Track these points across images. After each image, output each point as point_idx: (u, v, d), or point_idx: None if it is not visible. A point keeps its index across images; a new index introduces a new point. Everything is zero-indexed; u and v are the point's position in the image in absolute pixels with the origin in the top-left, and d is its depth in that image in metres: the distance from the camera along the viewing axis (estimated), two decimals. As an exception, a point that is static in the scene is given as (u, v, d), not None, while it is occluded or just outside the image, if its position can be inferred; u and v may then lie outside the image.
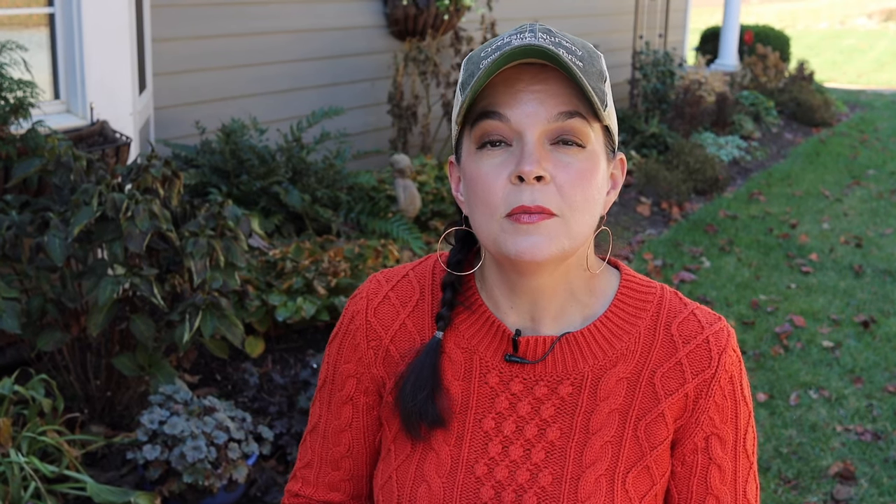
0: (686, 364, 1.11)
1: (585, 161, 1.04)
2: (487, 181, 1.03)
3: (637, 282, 1.15)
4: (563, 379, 1.11)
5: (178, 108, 4.93)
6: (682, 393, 1.10)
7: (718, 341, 1.11)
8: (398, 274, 1.20)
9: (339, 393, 1.20)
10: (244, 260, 2.89)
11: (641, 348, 1.11)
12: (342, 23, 5.79)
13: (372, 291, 1.19)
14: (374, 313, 1.18)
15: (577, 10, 8.03)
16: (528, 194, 1.01)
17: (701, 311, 1.14)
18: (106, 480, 2.77)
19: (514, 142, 1.03)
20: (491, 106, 1.03)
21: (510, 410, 1.12)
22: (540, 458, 1.10)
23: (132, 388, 3.06)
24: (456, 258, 1.15)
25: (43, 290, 2.83)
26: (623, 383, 1.11)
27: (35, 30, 3.73)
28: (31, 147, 3.09)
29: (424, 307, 1.17)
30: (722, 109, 8.41)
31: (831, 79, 13.80)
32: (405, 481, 1.13)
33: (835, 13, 25.32)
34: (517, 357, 1.12)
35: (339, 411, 1.21)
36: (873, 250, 5.82)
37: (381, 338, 1.17)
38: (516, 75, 1.02)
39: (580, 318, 1.13)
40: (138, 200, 2.74)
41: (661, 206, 6.48)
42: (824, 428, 3.60)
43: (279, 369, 3.54)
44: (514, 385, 1.12)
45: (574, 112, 1.02)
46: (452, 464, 1.12)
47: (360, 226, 4.74)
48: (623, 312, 1.13)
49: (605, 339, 1.12)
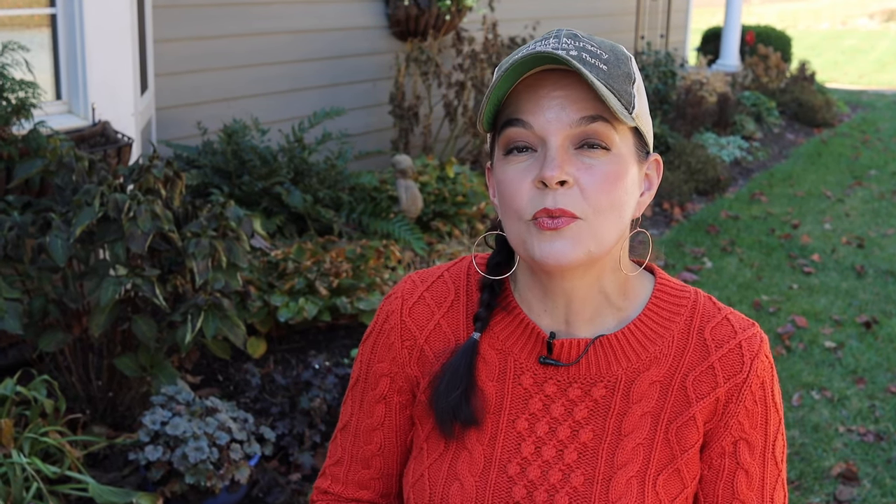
0: (718, 368, 1.11)
1: (611, 164, 1.04)
2: (513, 186, 1.05)
3: (671, 286, 1.16)
4: (596, 381, 1.12)
5: (180, 109, 4.93)
6: (713, 397, 1.11)
7: (751, 346, 1.11)
8: (433, 275, 1.22)
9: (373, 392, 1.21)
10: (246, 260, 2.89)
11: (674, 352, 1.12)
12: (344, 23, 5.79)
13: (407, 291, 1.20)
14: (408, 313, 1.19)
15: (578, 11, 8.02)
16: (551, 198, 1.02)
17: (734, 316, 1.14)
18: (108, 481, 2.76)
19: (538, 147, 1.04)
20: (514, 113, 1.05)
21: (543, 412, 1.13)
22: (572, 458, 1.11)
23: (134, 388, 3.06)
24: (495, 260, 1.17)
25: (45, 290, 2.83)
26: (656, 386, 1.11)
27: (37, 30, 3.73)
28: (33, 148, 3.09)
29: (459, 308, 1.18)
30: (723, 110, 8.40)
31: (833, 79, 13.79)
32: (437, 479, 1.14)
33: (836, 13, 25.31)
34: (551, 360, 1.12)
35: (371, 410, 1.22)
36: (875, 251, 5.81)
37: (415, 338, 1.18)
38: (539, 82, 1.04)
39: (614, 321, 1.13)
40: (140, 201, 2.74)
41: (663, 206, 6.48)
42: (827, 429, 3.59)
43: (281, 370, 3.54)
44: (547, 387, 1.13)
45: (597, 116, 1.03)
46: (485, 463, 1.13)
47: (361, 226, 4.73)
48: (657, 316, 1.13)
49: (638, 343, 1.12)
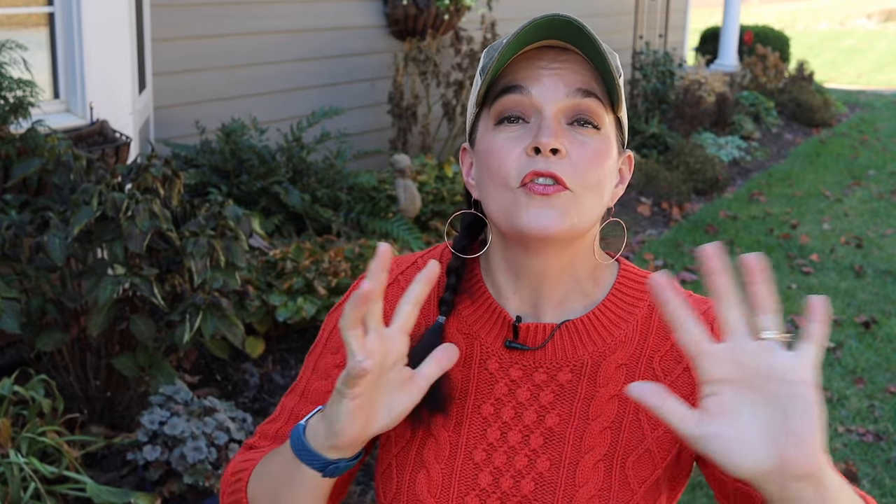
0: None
1: (600, 143, 1.06)
2: (502, 152, 1.04)
3: (635, 272, 1.17)
4: (562, 366, 1.12)
5: (178, 108, 4.92)
6: (681, 367, 1.11)
7: (708, 317, 1.12)
8: (407, 261, 1.21)
9: (332, 356, 1.19)
10: (244, 260, 2.88)
11: (639, 335, 1.13)
12: (342, 23, 5.79)
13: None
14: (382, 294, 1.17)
15: (576, 10, 8.01)
16: (543, 162, 1.02)
17: (693, 297, 1.16)
18: (106, 481, 2.76)
19: (531, 118, 1.05)
20: (512, 81, 1.05)
21: (509, 396, 1.12)
22: (538, 443, 1.11)
23: (132, 388, 3.05)
24: (461, 244, 1.16)
25: (43, 290, 2.82)
26: (622, 369, 1.12)
27: (35, 29, 3.72)
28: (31, 146, 3.08)
29: (430, 294, 1.17)
30: (722, 110, 8.41)
31: (831, 79, 13.80)
32: (405, 467, 1.13)
33: (834, 14, 25.34)
34: (517, 343, 1.12)
35: (327, 373, 1.18)
36: (874, 251, 5.81)
37: (386, 316, 1.15)
38: (537, 55, 1.06)
39: (581, 306, 1.14)
40: (138, 200, 2.73)
41: (662, 206, 6.48)
42: (826, 429, 3.59)
43: (280, 370, 3.53)
44: (513, 371, 1.13)
45: (591, 92, 1.05)
46: (451, 449, 1.12)
47: (360, 226, 4.73)
48: (621, 301, 1.14)
49: (603, 327, 1.13)
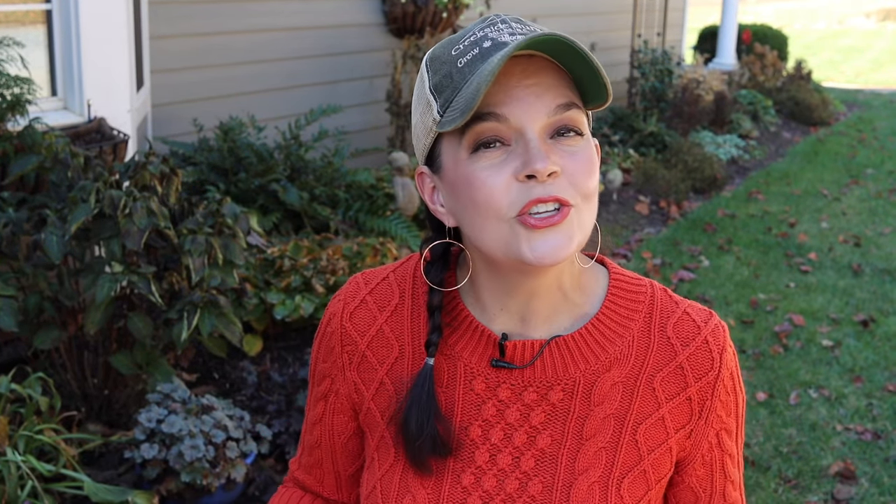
0: (688, 368, 1.08)
1: (587, 148, 1.01)
2: (488, 182, 0.96)
3: (626, 279, 1.12)
4: (553, 384, 1.07)
5: (176, 106, 4.91)
6: (684, 396, 1.08)
7: (717, 341, 1.09)
8: (378, 276, 1.17)
9: (317, 388, 1.20)
10: (242, 258, 2.88)
11: (636, 352, 1.08)
12: (340, 20, 5.78)
13: (349, 295, 1.16)
14: (349, 318, 1.14)
15: (575, 9, 8.01)
16: (541, 188, 0.96)
17: (693, 309, 1.11)
18: (103, 479, 2.75)
19: (513, 141, 0.97)
20: (486, 108, 0.96)
21: (497, 417, 1.08)
22: (529, 466, 1.06)
23: (130, 386, 3.05)
24: (438, 277, 1.10)
25: (40, 287, 2.82)
26: (618, 388, 1.07)
27: (32, 26, 3.71)
28: (28, 144, 3.07)
29: (403, 312, 1.13)
30: (720, 108, 8.40)
31: (829, 78, 13.80)
32: (389, 492, 1.10)
33: (833, 13, 25.34)
34: (504, 362, 1.07)
35: (314, 404, 1.21)
36: (872, 249, 5.81)
37: (356, 343, 1.14)
38: (506, 70, 0.96)
39: (569, 319, 1.09)
40: (136, 198, 2.72)
41: (660, 204, 6.47)
42: (824, 427, 3.59)
43: (277, 368, 3.53)
44: (501, 391, 1.08)
45: (571, 104, 0.98)
46: (437, 474, 1.08)
47: (358, 224, 4.72)
48: (615, 315, 1.09)
49: (597, 343, 1.08)
